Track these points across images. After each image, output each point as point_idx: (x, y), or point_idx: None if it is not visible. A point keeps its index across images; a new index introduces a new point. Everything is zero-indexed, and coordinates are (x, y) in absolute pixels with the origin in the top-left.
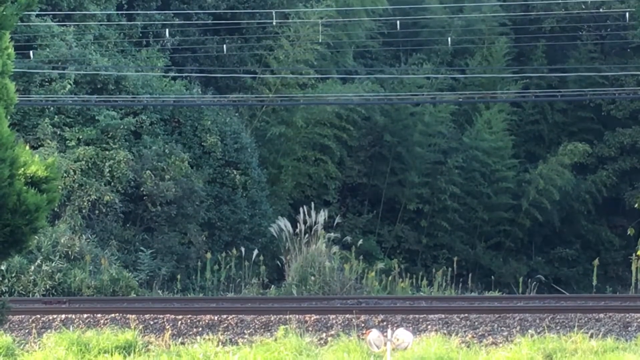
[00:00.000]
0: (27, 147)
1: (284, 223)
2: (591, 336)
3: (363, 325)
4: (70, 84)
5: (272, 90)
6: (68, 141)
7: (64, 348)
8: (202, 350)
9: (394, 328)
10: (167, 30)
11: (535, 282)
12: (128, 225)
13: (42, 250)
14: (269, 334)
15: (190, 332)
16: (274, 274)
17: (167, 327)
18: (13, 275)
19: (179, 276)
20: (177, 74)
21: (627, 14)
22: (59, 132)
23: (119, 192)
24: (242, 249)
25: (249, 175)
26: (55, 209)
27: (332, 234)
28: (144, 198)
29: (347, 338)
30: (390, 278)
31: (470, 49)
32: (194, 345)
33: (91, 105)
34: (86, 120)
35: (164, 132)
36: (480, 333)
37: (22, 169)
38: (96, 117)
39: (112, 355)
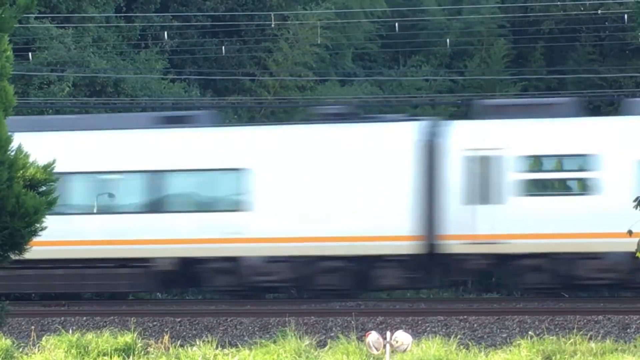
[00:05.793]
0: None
1: None
2: (590, 338)
3: (362, 327)
4: (68, 86)
5: (271, 93)
6: None
7: (63, 350)
8: (201, 352)
9: (393, 330)
10: (165, 32)
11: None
12: None
13: None
14: (268, 336)
15: (190, 335)
16: None
17: (166, 330)
18: None
19: None
20: (175, 77)
21: (626, 16)
22: None
23: None
24: None
25: None
26: None
27: None
28: None
29: (346, 340)
30: None
31: (469, 51)
32: (193, 347)
33: (90, 107)
34: None
35: None
36: (479, 335)
37: (21, 171)
38: None
39: (111, 357)
